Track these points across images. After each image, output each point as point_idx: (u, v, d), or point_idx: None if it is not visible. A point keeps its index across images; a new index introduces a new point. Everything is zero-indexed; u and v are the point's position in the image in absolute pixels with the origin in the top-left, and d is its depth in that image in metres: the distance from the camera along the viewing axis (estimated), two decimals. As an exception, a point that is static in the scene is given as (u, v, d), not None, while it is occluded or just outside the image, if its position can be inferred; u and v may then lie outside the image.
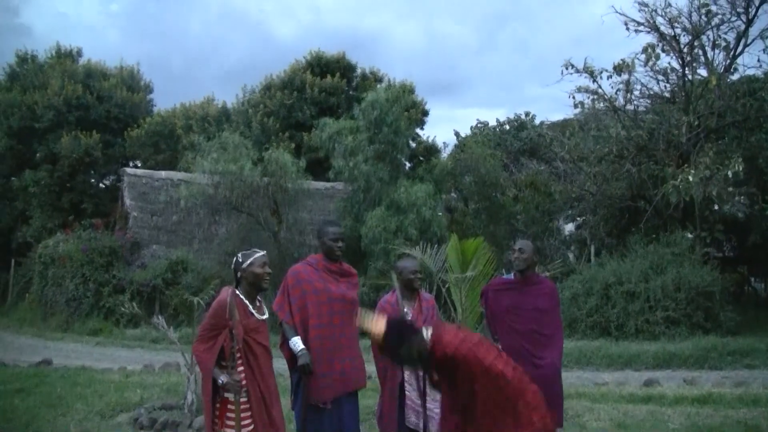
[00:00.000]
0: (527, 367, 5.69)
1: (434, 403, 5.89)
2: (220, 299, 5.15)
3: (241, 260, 5.30)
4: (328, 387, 5.71)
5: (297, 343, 5.70)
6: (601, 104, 20.61)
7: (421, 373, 5.71)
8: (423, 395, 5.74)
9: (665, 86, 20.99)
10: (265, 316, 5.36)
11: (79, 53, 34.44)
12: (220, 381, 4.94)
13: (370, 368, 6.05)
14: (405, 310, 5.85)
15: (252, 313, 5.18)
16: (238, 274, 5.28)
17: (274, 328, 5.89)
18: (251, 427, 5.03)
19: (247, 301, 5.21)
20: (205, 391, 5.09)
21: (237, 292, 5.23)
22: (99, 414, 8.58)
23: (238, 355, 5.07)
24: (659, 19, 19.31)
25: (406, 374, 5.71)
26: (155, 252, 21.85)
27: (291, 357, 5.81)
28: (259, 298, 5.34)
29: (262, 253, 5.37)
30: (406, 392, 5.72)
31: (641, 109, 21.27)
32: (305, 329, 5.78)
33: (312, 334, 5.76)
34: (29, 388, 10.32)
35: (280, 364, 5.76)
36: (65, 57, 33.32)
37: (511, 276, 6.29)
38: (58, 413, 8.63)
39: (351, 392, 5.90)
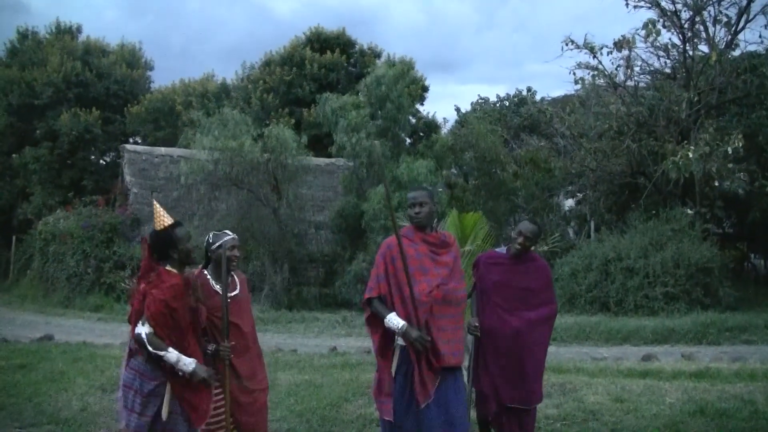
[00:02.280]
0: (511, 339, 5.69)
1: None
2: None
3: (211, 241, 5.46)
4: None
5: (393, 318, 5.01)
6: (602, 80, 20.58)
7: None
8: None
9: (666, 62, 20.99)
10: (236, 292, 5.47)
11: (79, 30, 34.34)
12: (208, 350, 5.11)
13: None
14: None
15: (217, 292, 5.27)
16: (208, 254, 5.45)
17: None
18: (221, 405, 5.19)
19: (213, 281, 5.34)
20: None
21: (205, 272, 5.41)
22: (101, 389, 8.63)
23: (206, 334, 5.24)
24: (660, -6, 19.24)
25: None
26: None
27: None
28: (232, 274, 5.46)
29: (232, 236, 5.51)
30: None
31: (641, 85, 21.27)
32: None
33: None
34: (31, 363, 10.37)
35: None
36: (64, 34, 33.18)
37: (504, 250, 6.09)
38: (60, 388, 8.68)
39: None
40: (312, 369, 10.34)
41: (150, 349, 4.60)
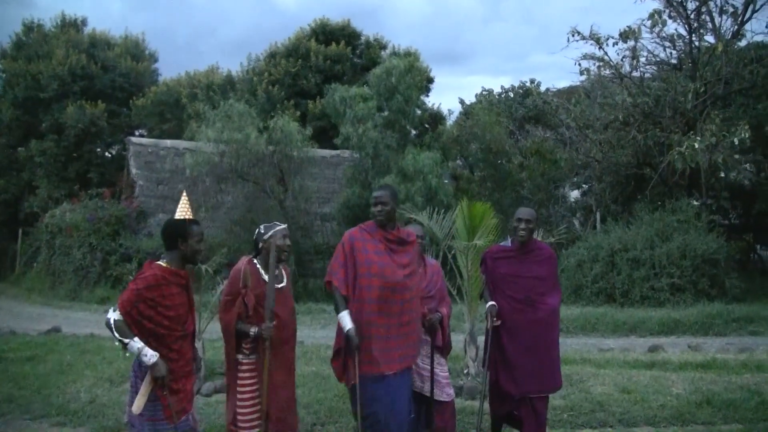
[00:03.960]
0: (524, 330, 5.74)
1: (440, 367, 5.97)
2: (236, 268, 5.41)
3: (263, 231, 5.50)
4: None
5: (345, 317, 5.28)
6: (607, 71, 20.57)
7: (427, 337, 5.77)
8: (431, 359, 5.80)
9: (672, 53, 20.93)
10: (283, 284, 5.53)
11: (84, 23, 34.29)
12: (251, 332, 5.21)
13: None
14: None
15: (265, 282, 5.33)
16: (259, 245, 5.49)
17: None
18: (256, 395, 5.28)
19: (262, 271, 5.39)
20: (226, 351, 5.40)
21: (255, 261, 5.47)
22: (108, 380, 8.67)
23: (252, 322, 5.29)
24: (666, -15, 19.18)
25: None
26: (161, 221, 21.80)
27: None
28: (279, 266, 5.49)
29: (283, 226, 5.57)
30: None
31: (647, 76, 21.21)
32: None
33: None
34: (39, 355, 10.42)
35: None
36: (70, 26, 33.19)
37: (509, 243, 6.11)
38: (68, 380, 8.73)
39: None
40: (319, 360, 10.36)
41: (115, 334, 4.65)
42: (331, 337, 13.59)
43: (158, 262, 4.91)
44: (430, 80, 28.77)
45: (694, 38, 19.35)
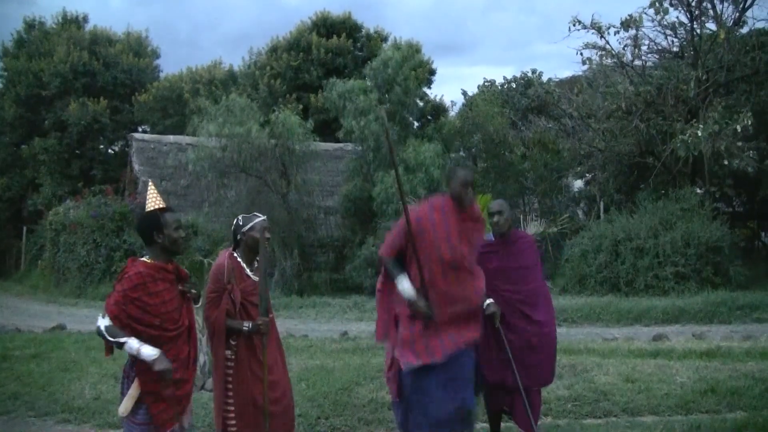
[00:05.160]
0: (521, 322, 5.73)
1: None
2: (218, 263, 5.26)
3: (241, 223, 5.33)
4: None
5: (404, 282, 4.99)
6: (609, 60, 20.51)
7: None
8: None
9: (673, 41, 20.87)
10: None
11: (85, 19, 34.38)
12: (245, 328, 5.07)
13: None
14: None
15: (249, 276, 5.24)
16: (238, 237, 5.33)
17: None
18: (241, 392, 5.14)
19: (244, 264, 5.27)
20: (214, 349, 5.24)
21: (234, 254, 5.30)
22: (113, 377, 8.66)
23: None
24: (668, -28, 19.11)
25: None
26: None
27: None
28: (258, 259, 5.30)
29: (262, 218, 5.40)
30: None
31: (649, 64, 21.15)
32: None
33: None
34: (44, 352, 10.44)
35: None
36: (71, 23, 33.23)
37: (491, 237, 6.08)
38: (73, 377, 8.74)
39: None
40: (323, 354, 10.37)
41: (108, 338, 4.47)
42: (335, 330, 13.66)
43: (141, 259, 4.69)
44: (432, 72, 28.72)
45: (695, 26, 19.29)
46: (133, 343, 4.42)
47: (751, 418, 6.75)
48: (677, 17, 19.94)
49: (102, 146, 31.53)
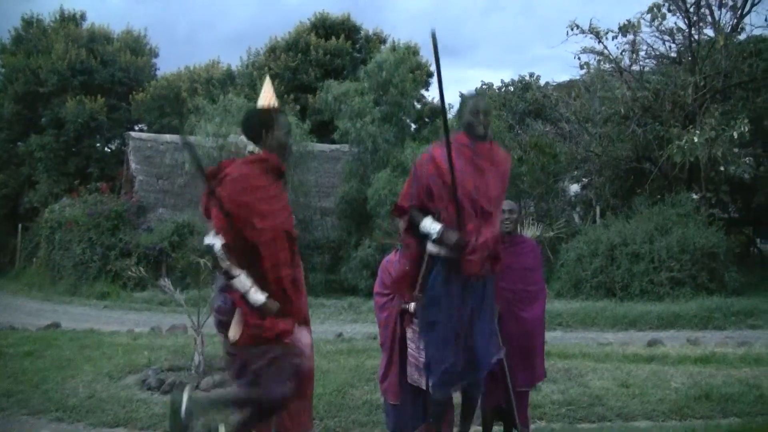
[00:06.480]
0: (509, 320, 5.74)
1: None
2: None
3: None
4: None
5: (429, 221, 4.91)
6: (607, 65, 20.55)
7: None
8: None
9: (671, 47, 20.89)
10: None
11: (83, 17, 34.35)
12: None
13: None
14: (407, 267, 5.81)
15: None
16: None
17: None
18: None
19: None
20: None
21: None
22: (107, 376, 8.66)
23: None
24: (666, -22, 19.14)
25: (409, 332, 5.72)
26: (161, 215, 21.92)
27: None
28: None
29: None
30: (409, 349, 5.74)
31: (647, 69, 21.17)
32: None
33: None
34: (38, 350, 10.41)
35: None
36: (69, 21, 33.20)
37: None
38: (67, 375, 8.72)
39: None
40: (318, 355, 10.32)
41: (223, 263, 4.15)
42: (330, 331, 13.65)
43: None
44: (430, 74, 28.74)
45: (693, 32, 19.32)
46: (245, 281, 4.16)
47: (745, 424, 6.77)
48: (675, 23, 19.99)
49: (99, 144, 31.47)
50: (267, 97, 4.65)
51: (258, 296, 4.15)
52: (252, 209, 4.18)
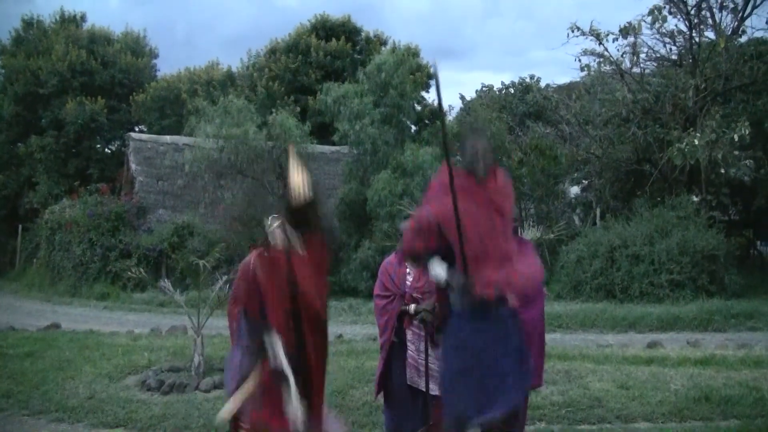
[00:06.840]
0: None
1: (436, 362, 5.96)
2: (245, 262, 5.06)
3: (269, 223, 5.18)
4: None
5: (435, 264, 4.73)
6: (607, 67, 20.53)
7: (423, 332, 5.76)
8: (425, 354, 5.78)
9: (672, 49, 20.88)
10: None
11: (83, 18, 34.39)
12: None
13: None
14: (408, 270, 5.80)
15: None
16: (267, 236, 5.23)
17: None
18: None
19: None
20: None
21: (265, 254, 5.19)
22: (107, 376, 8.68)
23: None
24: (667, -20, 19.15)
25: (409, 333, 5.72)
26: (161, 216, 21.93)
27: None
28: None
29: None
30: (408, 350, 5.74)
31: (647, 72, 21.15)
32: None
33: None
34: (38, 351, 10.43)
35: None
36: (69, 22, 33.23)
37: None
38: (67, 376, 8.74)
39: None
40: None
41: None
42: (330, 333, 13.61)
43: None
44: (430, 76, 28.76)
45: (694, 34, 19.31)
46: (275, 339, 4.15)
47: (745, 426, 6.77)
48: (676, 25, 19.99)
49: (99, 145, 31.51)
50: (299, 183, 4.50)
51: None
52: None
